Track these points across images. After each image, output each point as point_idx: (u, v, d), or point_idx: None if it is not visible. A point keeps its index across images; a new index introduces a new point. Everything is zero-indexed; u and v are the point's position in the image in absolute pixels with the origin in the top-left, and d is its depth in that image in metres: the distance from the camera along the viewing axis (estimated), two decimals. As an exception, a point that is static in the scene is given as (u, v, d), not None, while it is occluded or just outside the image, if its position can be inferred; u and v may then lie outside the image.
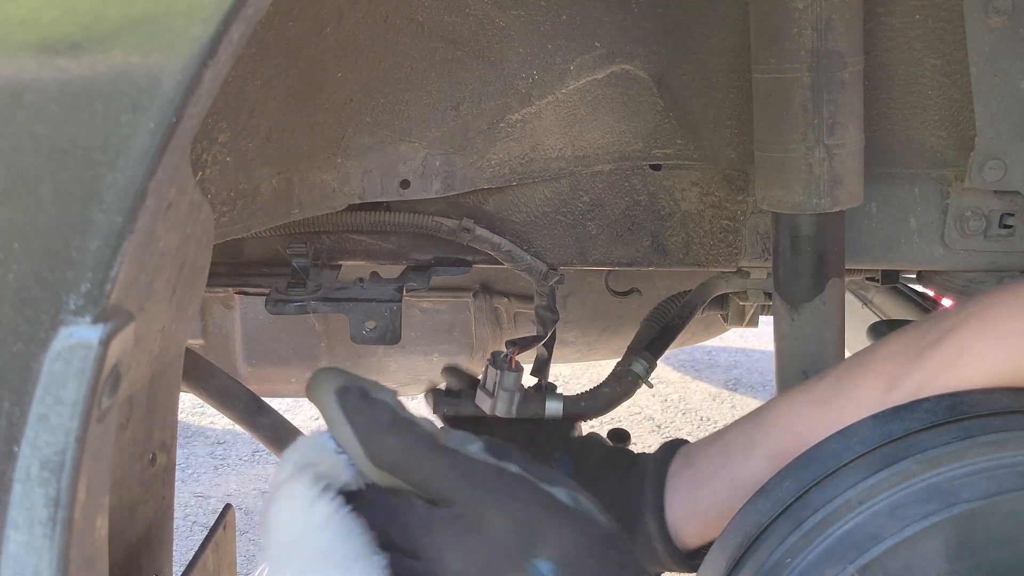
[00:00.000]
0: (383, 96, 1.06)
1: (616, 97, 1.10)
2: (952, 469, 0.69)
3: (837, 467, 0.72)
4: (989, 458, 0.69)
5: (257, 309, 1.59)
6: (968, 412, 0.72)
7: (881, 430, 0.73)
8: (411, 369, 1.68)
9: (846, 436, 0.74)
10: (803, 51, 0.93)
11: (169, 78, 0.52)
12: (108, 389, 0.55)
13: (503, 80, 1.08)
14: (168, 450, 0.78)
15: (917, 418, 0.73)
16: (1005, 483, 0.67)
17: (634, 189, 1.18)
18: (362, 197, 1.11)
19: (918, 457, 0.70)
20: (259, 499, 3.12)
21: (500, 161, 1.13)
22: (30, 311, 0.54)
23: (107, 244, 0.53)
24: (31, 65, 0.53)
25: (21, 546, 0.53)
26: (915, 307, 1.75)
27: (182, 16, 0.52)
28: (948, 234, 1.13)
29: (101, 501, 0.58)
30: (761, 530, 0.73)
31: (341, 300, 1.17)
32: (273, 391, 1.68)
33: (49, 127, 0.53)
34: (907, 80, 1.06)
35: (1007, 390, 0.74)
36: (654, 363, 1.19)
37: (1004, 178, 1.04)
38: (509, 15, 1.04)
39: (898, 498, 0.69)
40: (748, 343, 4.15)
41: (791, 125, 0.96)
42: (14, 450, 0.53)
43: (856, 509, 0.69)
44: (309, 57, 0.92)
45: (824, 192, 0.97)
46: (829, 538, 0.69)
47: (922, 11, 1.01)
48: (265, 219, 1.00)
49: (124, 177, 0.53)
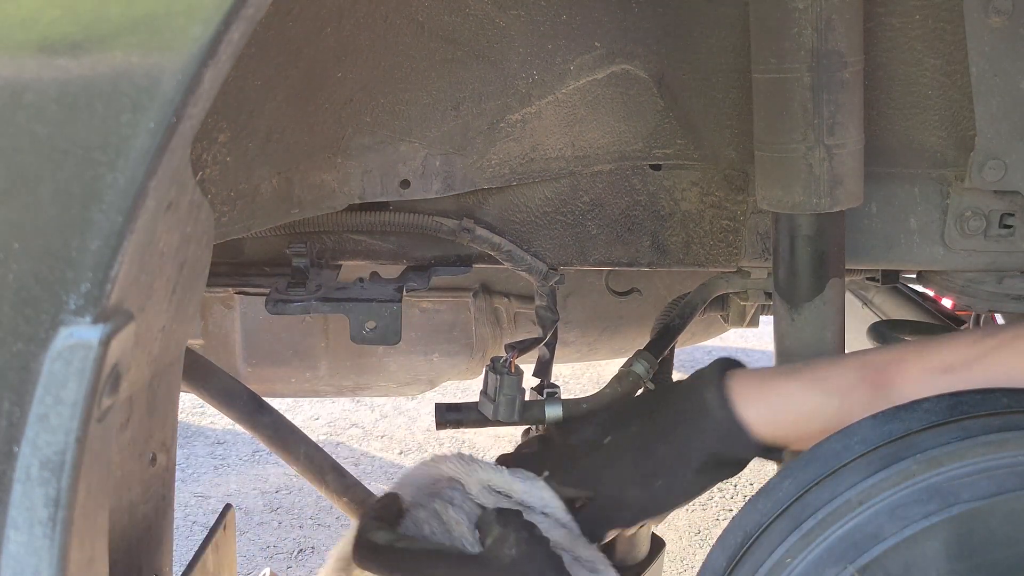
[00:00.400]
0: (383, 96, 1.06)
1: (616, 97, 1.10)
2: (952, 469, 0.69)
3: (837, 467, 0.72)
4: (989, 458, 0.69)
5: (257, 309, 1.58)
6: (968, 412, 0.72)
7: (881, 430, 0.73)
8: (411, 369, 1.68)
9: (846, 436, 0.74)
10: (803, 51, 0.93)
11: (169, 78, 0.52)
12: (108, 389, 0.55)
13: (503, 80, 1.08)
14: (168, 450, 0.78)
15: (917, 418, 0.73)
16: (1005, 483, 0.67)
17: (634, 189, 1.18)
18: (362, 197, 1.11)
19: (918, 457, 0.70)
20: (259, 499, 3.13)
21: (500, 161, 1.13)
22: (30, 311, 0.54)
23: (107, 244, 0.53)
24: (31, 65, 0.53)
25: (21, 546, 0.53)
26: (915, 307, 1.76)
27: (182, 16, 0.52)
28: (948, 234, 1.12)
29: (101, 501, 0.58)
30: (761, 530, 0.73)
31: (341, 300, 1.17)
32: (273, 391, 1.68)
33: (49, 127, 0.53)
34: (907, 80, 1.05)
35: (1007, 390, 0.74)
36: (655, 364, 1.19)
37: (1004, 178, 1.04)
38: (509, 15, 1.04)
39: (898, 498, 0.69)
40: (748, 343, 4.15)
41: (791, 125, 0.96)
42: (14, 450, 0.53)
43: (856, 509, 0.70)
44: (309, 57, 0.92)
45: (824, 192, 0.97)
46: (829, 538, 0.69)
47: (922, 11, 1.01)
48: (265, 219, 1.00)
49: (124, 177, 0.53)
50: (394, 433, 3.62)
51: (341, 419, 3.71)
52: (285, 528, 2.99)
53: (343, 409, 3.77)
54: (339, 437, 3.58)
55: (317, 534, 2.96)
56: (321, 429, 3.61)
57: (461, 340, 1.62)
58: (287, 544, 2.91)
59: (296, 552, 2.87)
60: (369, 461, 3.42)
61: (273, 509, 3.09)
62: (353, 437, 3.59)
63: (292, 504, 3.11)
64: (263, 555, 2.85)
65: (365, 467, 3.37)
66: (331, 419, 3.70)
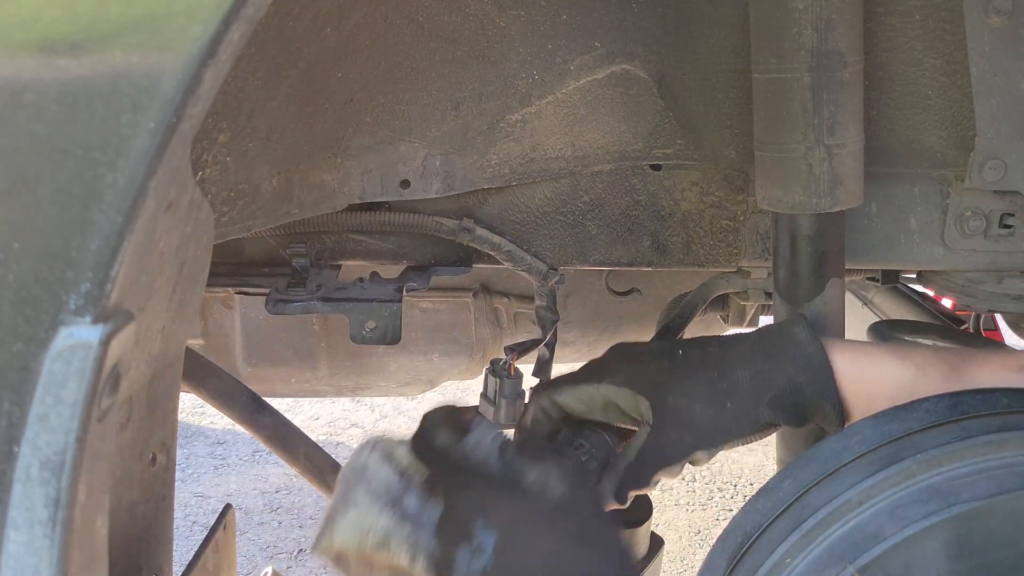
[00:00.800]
0: (383, 96, 1.06)
1: (616, 97, 1.10)
2: (952, 469, 0.69)
3: (837, 467, 0.72)
4: (989, 458, 0.69)
5: (257, 309, 1.58)
6: (968, 412, 0.72)
7: (881, 430, 0.73)
8: (411, 369, 1.68)
9: (846, 436, 0.74)
10: (803, 51, 0.93)
11: (169, 78, 0.52)
12: (108, 389, 0.55)
13: (503, 80, 1.08)
14: (168, 450, 0.78)
15: (917, 418, 0.73)
16: (1005, 483, 0.67)
17: (634, 189, 1.18)
18: (362, 197, 1.11)
19: (918, 457, 0.70)
20: (259, 499, 3.13)
21: (500, 161, 1.13)
22: (30, 311, 0.54)
23: (107, 244, 0.53)
24: (31, 65, 0.53)
25: (21, 546, 0.53)
26: (915, 307, 1.75)
27: (182, 16, 0.52)
28: (948, 234, 1.12)
29: (101, 501, 0.58)
30: (761, 530, 0.73)
31: (341, 300, 1.17)
32: (273, 391, 1.68)
33: (49, 127, 0.53)
34: (907, 80, 1.05)
35: (1007, 390, 0.74)
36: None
37: (1004, 178, 1.04)
38: (509, 15, 1.04)
39: (898, 498, 0.69)
40: (748, 343, 4.15)
41: (791, 125, 0.96)
42: (14, 450, 0.53)
43: (856, 509, 0.69)
44: (309, 57, 0.92)
45: (824, 192, 0.97)
46: (829, 538, 0.69)
47: (922, 11, 1.01)
48: (265, 219, 1.00)
49: (124, 177, 0.53)
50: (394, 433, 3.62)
51: (341, 419, 3.71)
52: (285, 528, 2.99)
53: (343, 409, 3.77)
54: (339, 437, 3.58)
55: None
56: (321, 429, 3.62)
57: (461, 340, 1.63)
58: (287, 544, 2.91)
59: (296, 552, 2.87)
60: (369, 461, 3.42)
61: (273, 509, 3.09)
62: (353, 437, 3.59)
63: (292, 504, 3.11)
64: (263, 555, 2.85)
65: (365, 467, 3.37)
66: (331, 419, 3.70)
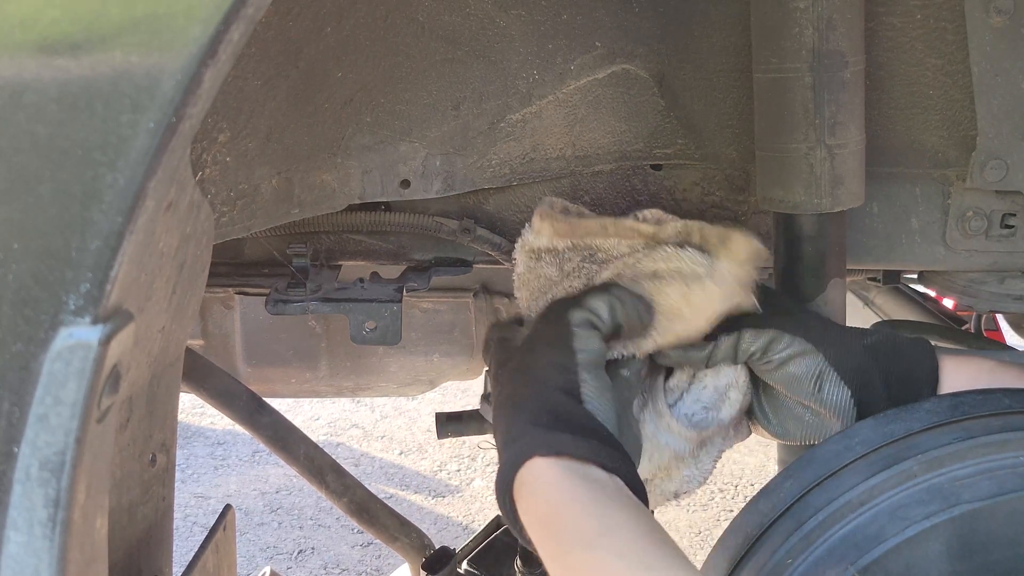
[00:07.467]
0: (383, 96, 1.06)
1: (617, 97, 1.10)
2: (953, 470, 0.69)
3: (838, 468, 0.72)
4: (990, 459, 0.69)
5: (257, 309, 1.58)
6: (969, 413, 0.72)
7: (882, 431, 0.73)
8: (411, 369, 1.68)
9: (847, 437, 0.74)
10: (804, 51, 0.93)
11: (169, 78, 0.52)
12: (108, 389, 0.55)
13: (503, 80, 1.08)
14: (168, 450, 0.78)
15: (918, 419, 0.73)
16: (1006, 484, 0.67)
17: (635, 189, 1.18)
18: (362, 197, 1.11)
19: (919, 458, 0.70)
20: (259, 500, 3.13)
21: (500, 161, 1.13)
22: (30, 311, 0.54)
23: (107, 244, 0.53)
24: (31, 65, 0.53)
25: (21, 546, 0.53)
26: (916, 307, 1.75)
27: (182, 16, 0.52)
28: (949, 234, 1.12)
29: (101, 501, 0.58)
30: (762, 530, 0.73)
31: (341, 300, 1.17)
32: (273, 391, 1.67)
33: (49, 127, 0.53)
34: (908, 80, 1.05)
35: (1008, 391, 0.74)
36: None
37: (1005, 178, 1.04)
38: (509, 15, 1.04)
39: (899, 499, 0.69)
40: (748, 343, 4.15)
41: (792, 125, 0.96)
42: (14, 450, 0.53)
43: (857, 510, 0.69)
44: (309, 57, 0.92)
45: (825, 192, 0.97)
46: (830, 539, 0.69)
47: (923, 11, 1.01)
48: (265, 219, 1.00)
49: (124, 177, 0.53)
50: (394, 434, 3.62)
51: (341, 419, 3.71)
52: (285, 529, 2.99)
53: (343, 410, 3.77)
54: (339, 438, 3.58)
55: (317, 534, 2.96)
56: (321, 429, 3.62)
57: (461, 340, 1.62)
58: (287, 545, 2.91)
59: (296, 553, 2.87)
60: (369, 461, 3.42)
61: (273, 510, 3.09)
62: (353, 438, 3.59)
63: (292, 505, 3.11)
64: (263, 555, 2.85)
65: (365, 467, 3.37)
66: (331, 419, 3.70)
